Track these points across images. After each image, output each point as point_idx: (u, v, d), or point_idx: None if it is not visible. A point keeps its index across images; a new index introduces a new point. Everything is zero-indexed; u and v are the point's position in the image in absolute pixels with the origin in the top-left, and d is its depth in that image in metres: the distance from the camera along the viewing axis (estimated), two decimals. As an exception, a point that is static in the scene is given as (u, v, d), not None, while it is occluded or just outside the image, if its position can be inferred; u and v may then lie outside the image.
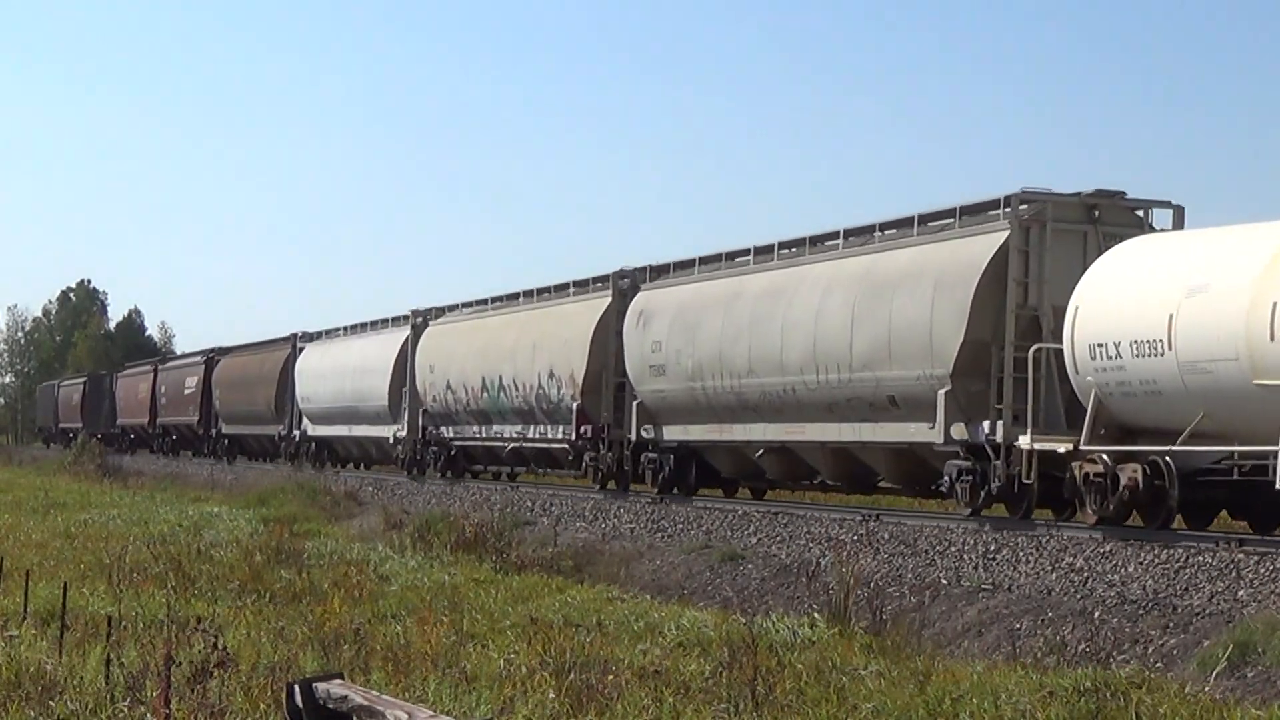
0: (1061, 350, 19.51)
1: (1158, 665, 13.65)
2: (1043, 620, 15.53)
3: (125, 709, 10.25)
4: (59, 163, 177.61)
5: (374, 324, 46.04)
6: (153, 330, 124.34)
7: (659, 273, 30.22)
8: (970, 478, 21.10)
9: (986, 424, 20.68)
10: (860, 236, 24.48)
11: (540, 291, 35.53)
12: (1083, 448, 18.99)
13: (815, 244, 25.49)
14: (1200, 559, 16.12)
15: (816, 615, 16.03)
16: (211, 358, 62.15)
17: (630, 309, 29.80)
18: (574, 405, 30.89)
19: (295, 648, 12.97)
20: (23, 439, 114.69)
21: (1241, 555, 15.93)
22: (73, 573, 18.41)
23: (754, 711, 10.84)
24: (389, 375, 41.87)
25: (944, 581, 17.75)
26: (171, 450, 68.13)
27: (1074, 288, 19.54)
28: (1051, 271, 20.60)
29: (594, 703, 10.73)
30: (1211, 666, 12.98)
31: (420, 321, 41.02)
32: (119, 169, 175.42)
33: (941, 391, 21.09)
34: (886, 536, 20.37)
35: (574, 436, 30.97)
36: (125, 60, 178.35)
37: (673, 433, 28.42)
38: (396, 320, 43.75)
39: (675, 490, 28.57)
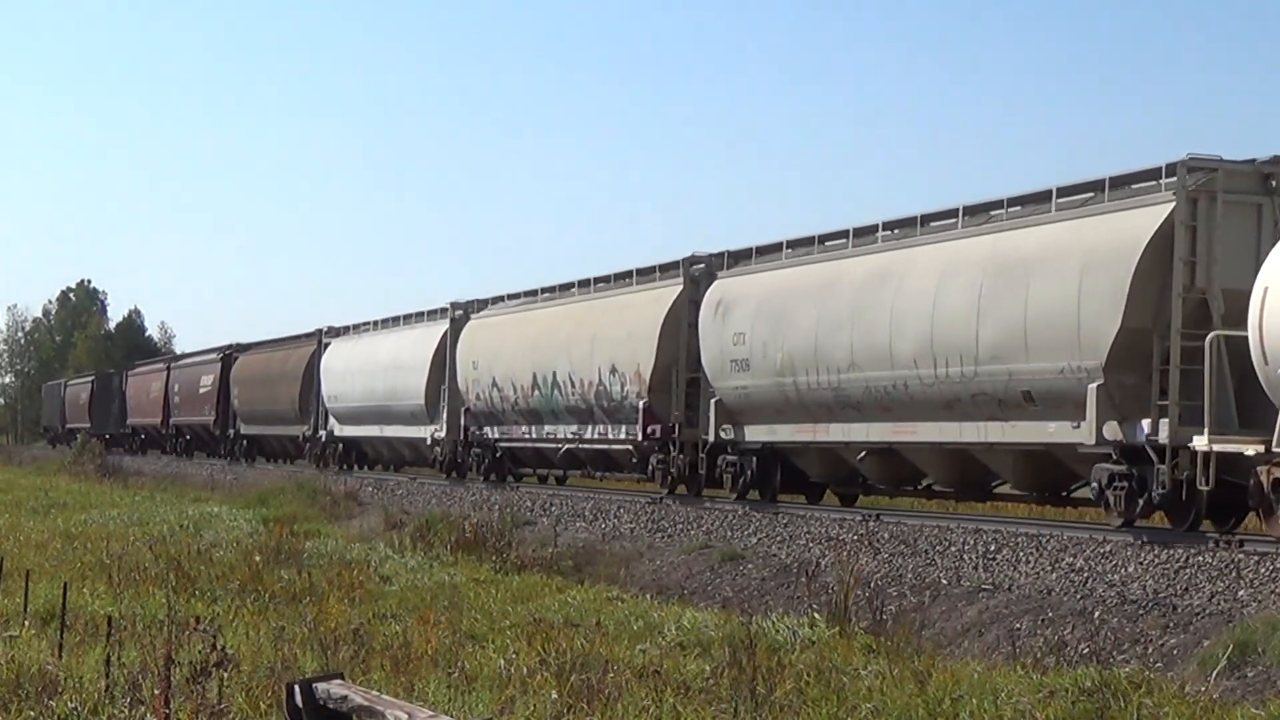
0: (1237, 339, 17.04)
1: (1158, 665, 13.65)
2: (1043, 620, 15.53)
3: (125, 709, 10.25)
4: (59, 163, 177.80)
5: (408, 318, 42.89)
6: (153, 330, 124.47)
7: (737, 259, 27.50)
8: (1125, 484, 18.74)
9: (1146, 423, 18.29)
10: (981, 214, 21.83)
11: (599, 281, 32.58)
12: (1276, 449, 16.47)
13: (927, 223, 22.78)
14: (1200, 559, 16.12)
15: (816, 615, 16.02)
16: (229, 354, 59.30)
17: (706, 298, 27.30)
18: (640, 403, 28.50)
19: (295, 648, 12.96)
20: (23, 439, 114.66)
21: (1241, 555, 15.93)
22: (73, 573, 18.41)
23: (754, 711, 10.83)
24: (426, 372, 39.06)
25: (944, 581, 17.75)
26: (185, 451, 65.63)
27: (1249, 267, 17.34)
28: (1222, 250, 18.15)
29: (594, 703, 10.73)
30: (1211, 666, 12.97)
31: (460, 315, 38.43)
32: (119, 169, 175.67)
33: (1092, 386, 18.69)
34: (886, 536, 20.36)
35: (640, 437, 28.53)
36: (125, 60, 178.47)
37: (756, 433, 26.02)
38: (433, 314, 40.87)
39: (757, 496, 26.24)
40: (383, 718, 7.86)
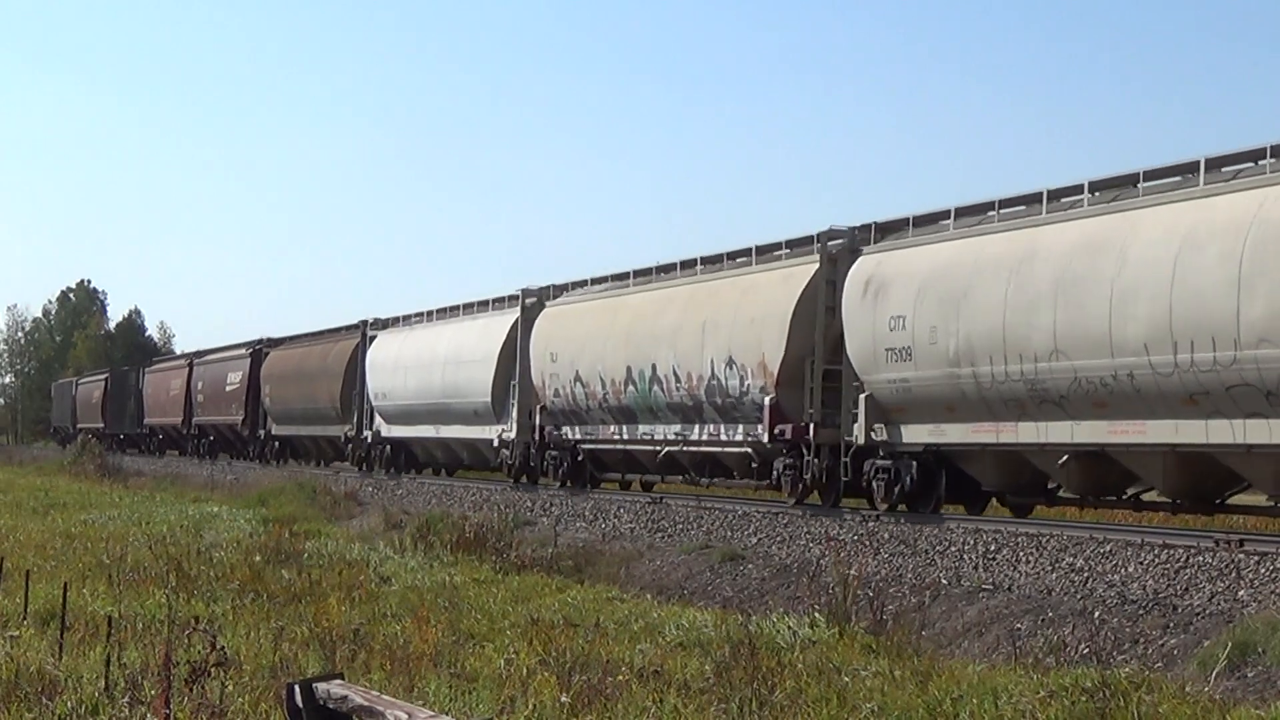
0: None
1: (1158, 665, 13.64)
2: (1043, 620, 15.53)
3: (125, 709, 10.25)
4: (59, 163, 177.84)
5: (469, 307, 38.80)
6: (152, 330, 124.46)
7: (886, 231, 23.75)
8: None
9: None
10: (1228, 169, 18.36)
11: (709, 261, 28.50)
12: None
13: (1152, 180, 19.39)
14: (1200, 559, 16.12)
15: (816, 615, 16.01)
16: (259, 349, 55.06)
17: (851, 277, 23.44)
18: (765, 400, 24.73)
19: (295, 648, 12.97)
20: (23, 439, 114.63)
21: (1241, 555, 15.92)
22: (73, 573, 18.41)
23: (754, 711, 10.83)
24: (493, 367, 35.03)
25: (944, 581, 17.75)
26: (209, 453, 61.27)
27: None
28: None
29: (595, 703, 10.73)
30: (1211, 666, 12.97)
31: (533, 303, 34.42)
32: (119, 169, 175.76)
33: None
34: (886, 536, 20.36)
35: (765, 438, 24.80)
36: (125, 60, 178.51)
37: (916, 434, 22.37)
38: (499, 302, 36.90)
39: (916, 507, 22.72)
40: (383, 718, 7.86)
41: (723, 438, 26.64)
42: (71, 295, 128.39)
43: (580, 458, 32.08)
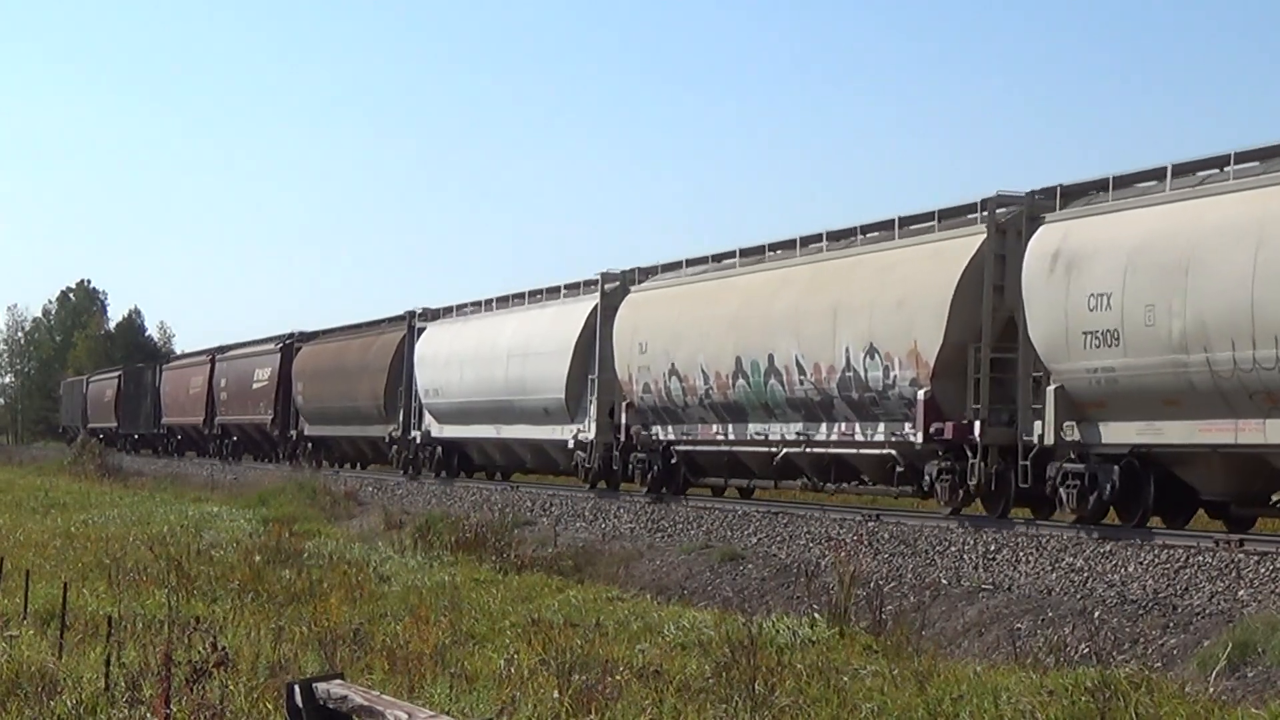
0: None
1: (1158, 665, 13.65)
2: (1043, 620, 15.54)
3: (125, 709, 10.25)
4: (59, 163, 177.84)
5: (535, 294, 35.21)
6: (152, 330, 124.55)
7: (1071, 196, 20.26)
8: None
9: None
10: None
11: (838, 236, 24.95)
12: None
13: None
14: (1200, 559, 16.13)
15: (816, 615, 16.02)
16: (290, 344, 51.25)
17: (1034, 250, 19.98)
18: (918, 394, 21.38)
19: (295, 648, 12.97)
20: (23, 439, 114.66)
21: (1241, 555, 15.93)
22: (73, 573, 18.43)
23: (754, 712, 10.83)
24: (567, 360, 31.36)
25: (944, 581, 17.76)
26: (232, 455, 57.34)
27: None
28: None
29: (594, 703, 10.73)
30: (1211, 666, 12.97)
31: (615, 287, 30.96)
32: (119, 169, 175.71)
33: None
34: (886, 536, 20.36)
35: (917, 438, 21.44)
36: (125, 60, 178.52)
37: (1120, 433, 18.99)
38: (573, 288, 33.19)
39: (1111, 518, 19.70)
40: (383, 718, 7.85)
41: (858, 437, 23.17)
42: (71, 295, 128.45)
43: (674, 461, 28.50)
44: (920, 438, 21.37)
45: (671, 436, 28.27)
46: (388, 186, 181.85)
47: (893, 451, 22.51)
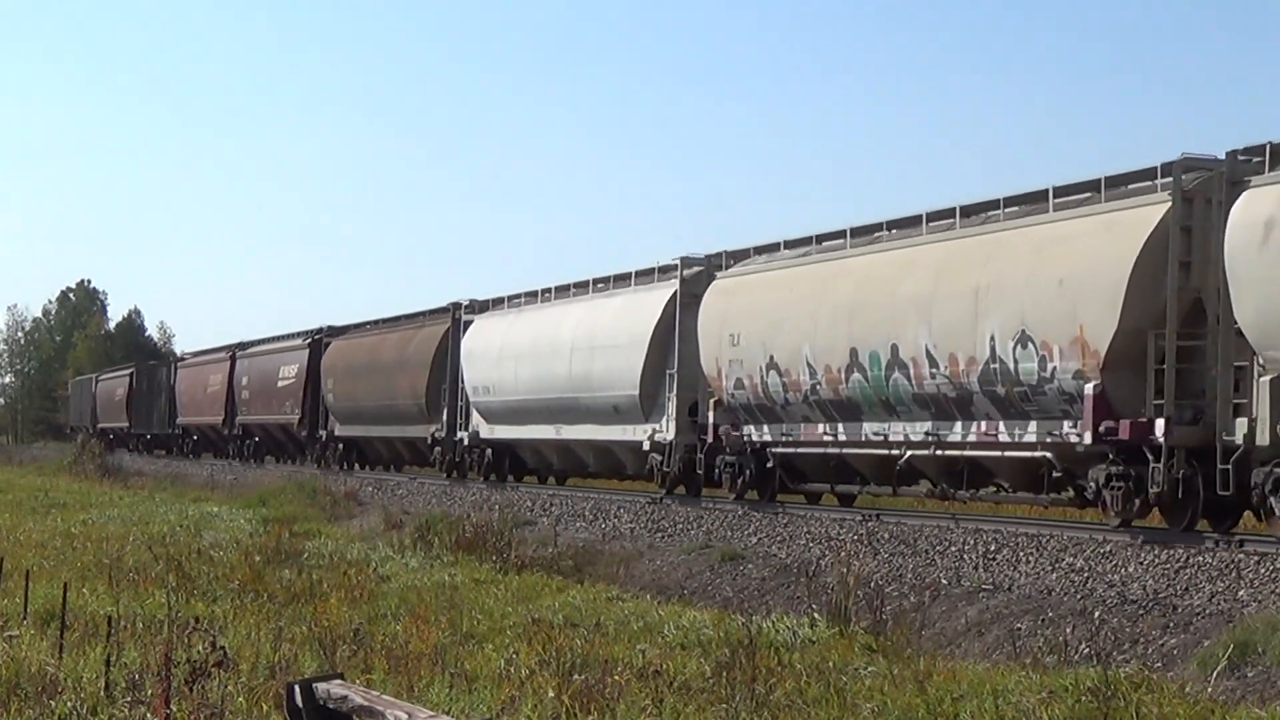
0: None
1: (1158, 665, 13.65)
2: (1043, 620, 15.54)
3: (125, 709, 10.25)
4: (59, 162, 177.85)
5: (601, 282, 32.22)
6: (152, 330, 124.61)
7: None
8: None
9: None
10: None
11: (976, 210, 21.88)
12: None
13: None
14: (1200, 559, 16.13)
15: (816, 615, 16.02)
16: (319, 339, 48.35)
17: (1238, 218, 17.16)
18: (1084, 388, 18.71)
19: (295, 648, 12.97)
20: (23, 439, 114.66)
21: (1241, 555, 15.93)
22: (73, 573, 18.43)
23: (754, 711, 10.83)
24: (642, 353, 28.63)
25: (944, 581, 17.75)
26: (254, 456, 54.59)
27: None
28: None
29: (594, 703, 10.73)
30: (1211, 666, 12.97)
31: (696, 273, 28.33)
32: (118, 169, 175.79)
33: None
34: (886, 536, 20.36)
35: (1083, 439, 18.78)
36: (125, 60, 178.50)
37: None
38: (646, 275, 30.38)
39: None
40: (383, 718, 7.86)
41: (1002, 438, 20.53)
42: (71, 295, 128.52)
43: (769, 464, 25.71)
44: (1087, 438, 18.63)
45: (767, 437, 25.52)
46: (388, 185, 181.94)
47: (1046, 454, 19.82)
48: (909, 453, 22.23)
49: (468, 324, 37.48)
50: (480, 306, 37.79)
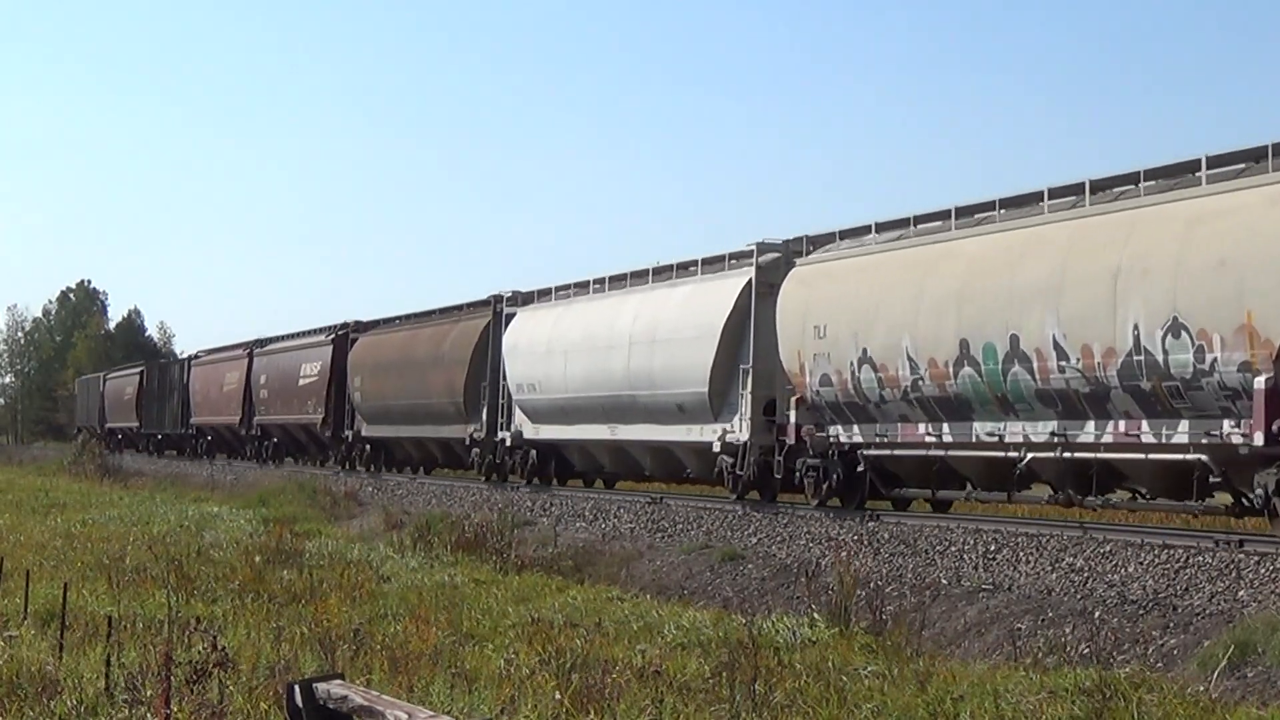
0: None
1: (1158, 665, 13.65)
2: (1043, 620, 15.54)
3: (125, 709, 10.25)
4: (59, 162, 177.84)
5: (663, 271, 29.81)
6: (152, 330, 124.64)
7: None
8: None
9: None
10: None
11: (1107, 185, 19.85)
12: None
13: None
14: (1200, 559, 16.12)
15: (816, 615, 16.03)
16: (345, 335, 46.21)
17: None
18: (1254, 382, 16.63)
19: (295, 648, 12.97)
20: (23, 439, 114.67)
21: (1241, 555, 15.93)
22: (73, 573, 18.43)
23: (754, 711, 10.83)
24: (713, 346, 26.31)
25: (944, 581, 17.75)
26: (273, 457, 52.22)
27: None
28: None
29: (594, 703, 10.73)
30: (1211, 666, 12.97)
31: (773, 259, 26.05)
32: (118, 169, 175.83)
33: None
34: (886, 536, 20.36)
35: (1255, 440, 16.65)
36: (125, 60, 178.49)
37: None
38: (714, 262, 28.08)
39: None
40: (383, 718, 7.85)
41: (1147, 438, 18.40)
42: (71, 295, 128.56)
43: (860, 468, 23.47)
44: (1257, 439, 16.61)
45: (857, 438, 23.23)
46: (388, 185, 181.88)
47: (1201, 457, 17.71)
48: (1029, 455, 20.09)
49: (509, 317, 35.17)
50: (524, 299, 35.48)
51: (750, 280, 26.09)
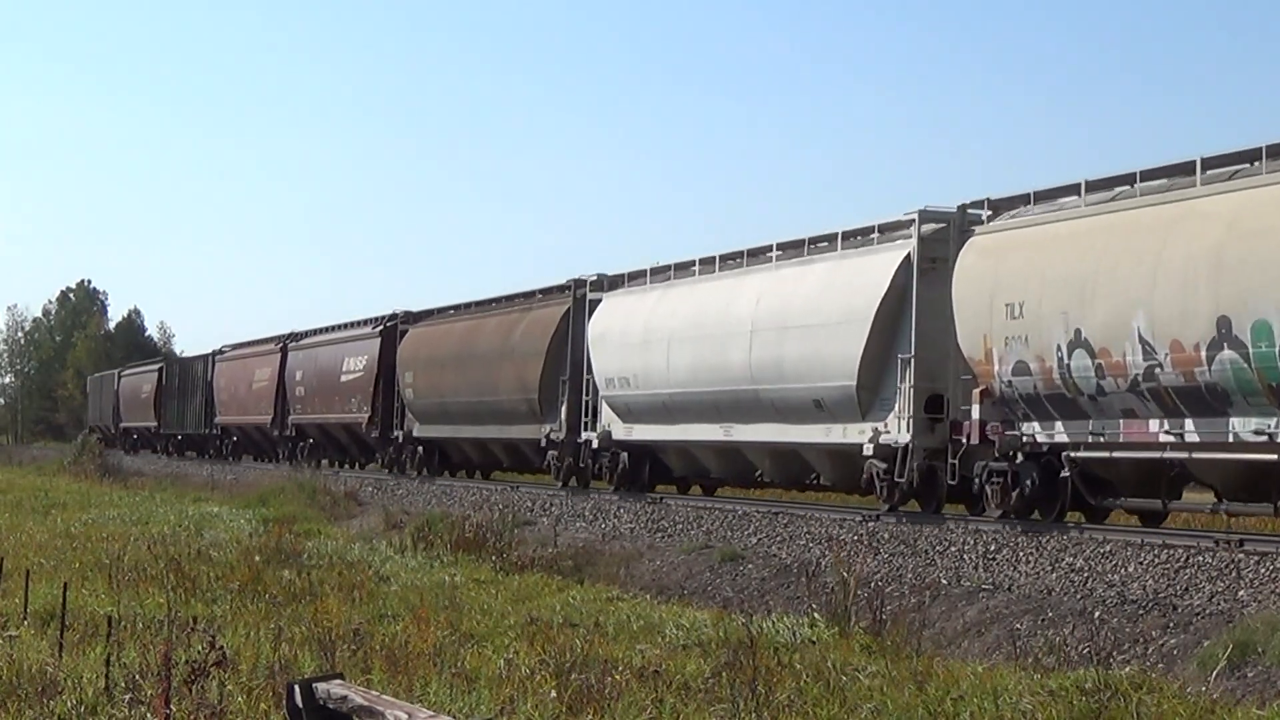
0: None
1: (1158, 665, 13.66)
2: (1043, 620, 15.54)
3: (125, 709, 10.25)
4: (59, 162, 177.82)
5: (790, 246, 26.01)
6: (152, 330, 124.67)
7: None
8: None
9: None
10: None
11: None
12: None
13: None
14: (1200, 559, 16.13)
15: (816, 615, 16.03)
16: (394, 326, 42.26)
17: None
18: None
19: (295, 648, 12.97)
20: (23, 439, 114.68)
21: (1241, 555, 15.94)
22: (73, 573, 18.42)
23: (754, 711, 10.83)
24: (864, 333, 22.71)
25: (944, 581, 17.75)
26: (308, 459, 47.06)
27: None
28: None
29: (594, 703, 10.73)
30: (1211, 666, 12.98)
31: (936, 230, 22.39)
32: (118, 169, 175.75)
33: None
34: (886, 536, 20.36)
35: None
36: (125, 60, 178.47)
37: None
38: (856, 235, 24.44)
39: None
40: (383, 718, 7.85)
41: None
42: (71, 295, 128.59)
43: (1063, 472, 19.94)
44: None
45: (1061, 437, 19.80)
46: (388, 184, 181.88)
47: None
48: None
49: (594, 304, 31.28)
50: (611, 283, 31.52)
51: (910, 254, 22.35)
